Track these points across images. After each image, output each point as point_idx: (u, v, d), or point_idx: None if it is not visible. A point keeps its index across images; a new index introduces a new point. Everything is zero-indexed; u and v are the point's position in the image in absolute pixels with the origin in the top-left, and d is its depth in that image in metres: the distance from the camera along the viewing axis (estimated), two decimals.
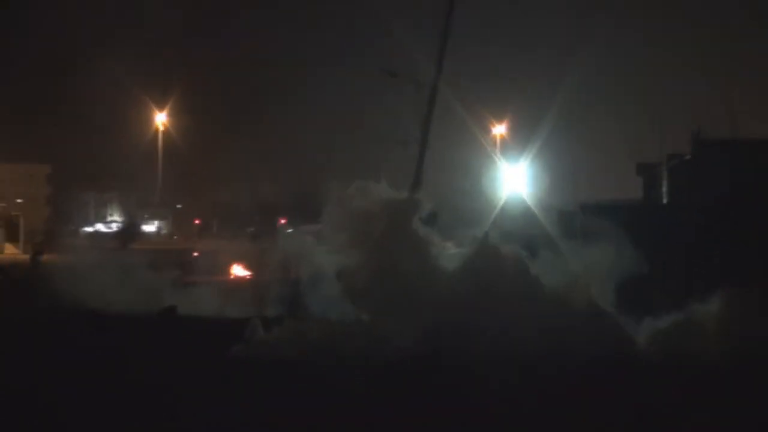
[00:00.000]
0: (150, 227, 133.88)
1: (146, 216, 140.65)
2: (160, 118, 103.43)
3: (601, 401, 14.59)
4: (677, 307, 19.26)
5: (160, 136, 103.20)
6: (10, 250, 73.92)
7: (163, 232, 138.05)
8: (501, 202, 55.85)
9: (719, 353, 17.42)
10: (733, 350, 17.46)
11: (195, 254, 48.50)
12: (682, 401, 14.83)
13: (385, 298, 19.09)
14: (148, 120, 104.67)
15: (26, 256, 53.51)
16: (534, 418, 13.39)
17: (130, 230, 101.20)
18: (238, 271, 38.43)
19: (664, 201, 39.86)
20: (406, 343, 17.87)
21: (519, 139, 76.28)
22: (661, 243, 24.47)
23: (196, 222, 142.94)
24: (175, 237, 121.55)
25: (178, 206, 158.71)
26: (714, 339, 18.02)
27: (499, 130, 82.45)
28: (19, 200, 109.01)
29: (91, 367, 16.55)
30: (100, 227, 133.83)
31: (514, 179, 66.50)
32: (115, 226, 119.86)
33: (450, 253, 21.04)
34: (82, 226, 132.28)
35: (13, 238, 77.37)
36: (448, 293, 19.04)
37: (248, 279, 36.99)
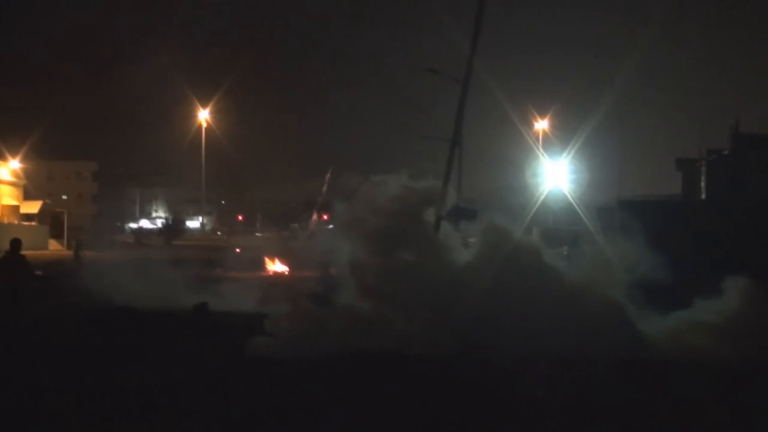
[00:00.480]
0: (194, 223, 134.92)
1: (191, 212, 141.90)
2: (204, 116, 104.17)
3: (612, 402, 14.29)
4: (699, 304, 18.94)
5: (203, 133, 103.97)
6: (55, 247, 74.76)
7: (208, 228, 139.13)
8: (542, 197, 55.94)
9: (741, 352, 17.07)
10: (757, 350, 17.11)
11: (237, 250, 48.62)
12: (698, 401, 14.56)
13: (393, 294, 18.87)
14: (193, 117, 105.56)
15: (69, 253, 54.05)
16: (538, 420, 13.17)
17: (174, 226, 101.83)
18: (277, 267, 38.52)
19: (703, 196, 39.46)
20: (411, 338, 17.71)
21: (562, 136, 76.12)
22: (694, 239, 24.15)
23: (240, 218, 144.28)
24: (219, 233, 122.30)
25: (222, 202, 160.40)
26: (735, 337, 17.65)
27: (542, 125, 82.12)
28: (64, 197, 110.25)
29: (101, 365, 16.53)
30: (145, 223, 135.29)
31: (557, 174, 66.44)
32: (159, 222, 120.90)
33: (468, 248, 20.73)
34: (128, 222, 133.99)
35: (57, 234, 78.24)
36: (458, 287, 18.73)
37: (286, 275, 37.05)
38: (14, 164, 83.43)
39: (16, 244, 19.18)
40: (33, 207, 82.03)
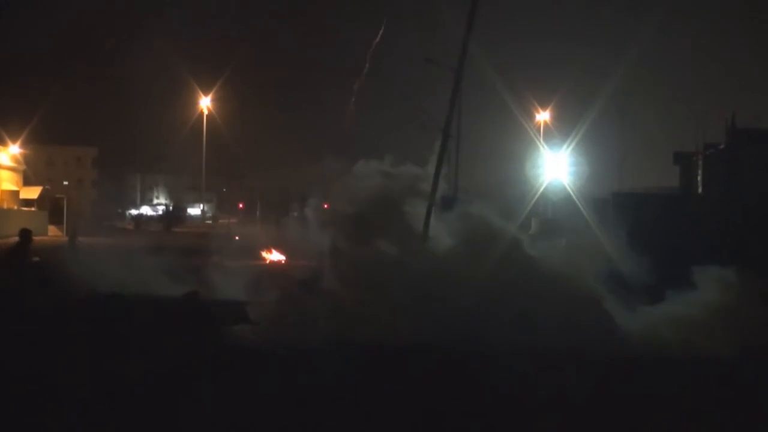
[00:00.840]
0: (195, 210, 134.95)
1: (191, 199, 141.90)
2: (205, 102, 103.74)
3: (591, 399, 14.25)
4: (680, 298, 18.95)
5: (204, 120, 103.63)
6: (54, 232, 74.67)
7: (208, 215, 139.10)
8: (541, 189, 55.80)
9: (728, 347, 17.08)
10: (737, 343, 17.13)
11: (236, 238, 48.63)
12: (679, 398, 14.56)
13: (372, 284, 18.84)
14: (194, 105, 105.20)
15: (67, 238, 54.03)
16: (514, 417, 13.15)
17: (175, 213, 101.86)
18: (274, 256, 38.51)
19: (699, 190, 39.46)
20: (392, 328, 17.68)
21: (563, 128, 75.94)
22: (687, 233, 24.12)
23: (240, 206, 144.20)
24: (220, 220, 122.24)
25: (224, 189, 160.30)
26: (715, 331, 17.65)
27: (543, 116, 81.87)
28: (65, 182, 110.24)
29: (84, 358, 16.46)
30: (145, 210, 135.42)
31: (557, 166, 66.27)
32: (160, 209, 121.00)
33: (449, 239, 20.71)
34: (128, 209, 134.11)
35: (57, 220, 78.07)
36: (436, 277, 18.67)
37: (283, 264, 37.02)
38: (14, 149, 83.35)
39: (26, 234, 18.99)
40: (33, 192, 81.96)
